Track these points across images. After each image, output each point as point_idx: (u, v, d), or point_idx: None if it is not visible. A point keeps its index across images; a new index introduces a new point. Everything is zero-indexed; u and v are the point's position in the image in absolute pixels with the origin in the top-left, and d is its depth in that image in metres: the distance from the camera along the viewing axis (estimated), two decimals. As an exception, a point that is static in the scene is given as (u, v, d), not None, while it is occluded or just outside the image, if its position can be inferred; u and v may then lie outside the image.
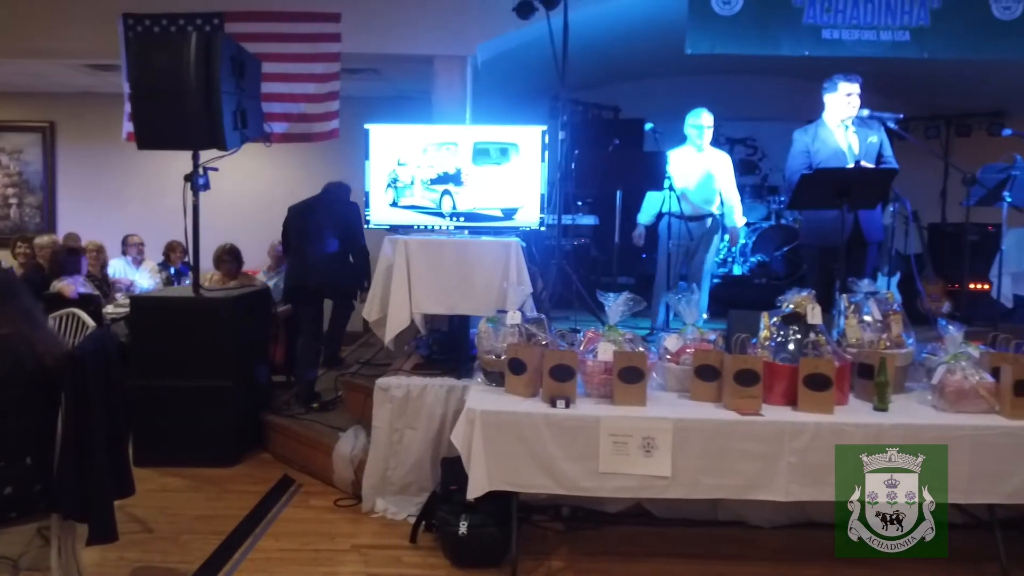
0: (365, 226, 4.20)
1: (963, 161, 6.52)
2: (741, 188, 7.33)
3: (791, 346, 3.07)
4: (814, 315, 3.09)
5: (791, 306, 3.16)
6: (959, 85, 7.49)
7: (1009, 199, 4.69)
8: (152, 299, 4.67)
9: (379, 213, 4.01)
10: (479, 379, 3.27)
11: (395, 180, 4.02)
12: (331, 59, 5.22)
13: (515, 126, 4.01)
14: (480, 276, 3.64)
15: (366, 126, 4.01)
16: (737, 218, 5.16)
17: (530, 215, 3.93)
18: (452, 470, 3.11)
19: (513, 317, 3.23)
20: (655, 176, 4.30)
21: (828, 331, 3.24)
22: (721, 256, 7.14)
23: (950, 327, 3.10)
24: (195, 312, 4.38)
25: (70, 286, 5.28)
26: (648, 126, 4.77)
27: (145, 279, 6.40)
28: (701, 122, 4.82)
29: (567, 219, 6.16)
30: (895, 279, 5.78)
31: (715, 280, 7.04)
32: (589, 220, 6.25)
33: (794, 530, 3.45)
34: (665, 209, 4.74)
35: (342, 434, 3.99)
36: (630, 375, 2.91)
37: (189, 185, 4.32)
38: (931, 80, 7.47)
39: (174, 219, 4.52)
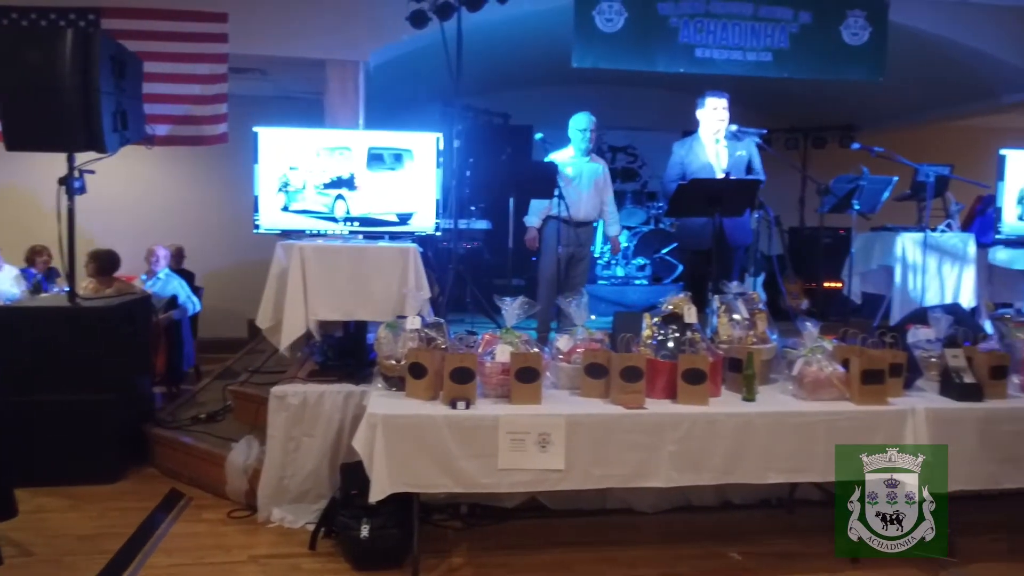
0: (254, 231, 4.12)
1: (818, 170, 7.18)
2: (622, 194, 7.75)
3: (671, 344, 3.32)
4: (690, 315, 3.35)
5: (670, 307, 3.41)
6: (815, 102, 8.22)
7: (857, 207, 5.22)
8: (22, 309, 4.38)
9: (269, 218, 3.94)
10: (379, 384, 3.32)
11: (286, 184, 3.96)
12: (217, 60, 5.08)
13: (410, 132, 4.05)
14: (378, 282, 3.69)
15: (255, 129, 3.94)
16: (615, 226, 5.37)
17: (425, 220, 3.99)
18: (352, 475, 3.15)
19: (412, 322, 3.30)
20: (546, 185, 4.48)
21: (703, 329, 3.53)
22: (606, 259, 7.50)
23: (807, 323, 3.44)
24: (71, 322, 4.16)
25: None
26: (538, 136, 4.96)
27: (8, 286, 5.96)
28: (586, 126, 4.96)
29: (461, 223, 6.30)
30: (760, 279, 6.27)
31: (600, 282, 7.39)
32: (482, 225, 6.39)
33: (675, 514, 3.73)
34: (554, 213, 4.92)
35: (234, 444, 3.92)
36: (526, 375, 3.06)
37: (63, 189, 4.10)
38: (792, 96, 8.16)
39: (33, 222, 4.26)
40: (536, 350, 3.22)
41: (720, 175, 4.56)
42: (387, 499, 2.90)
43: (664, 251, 7.42)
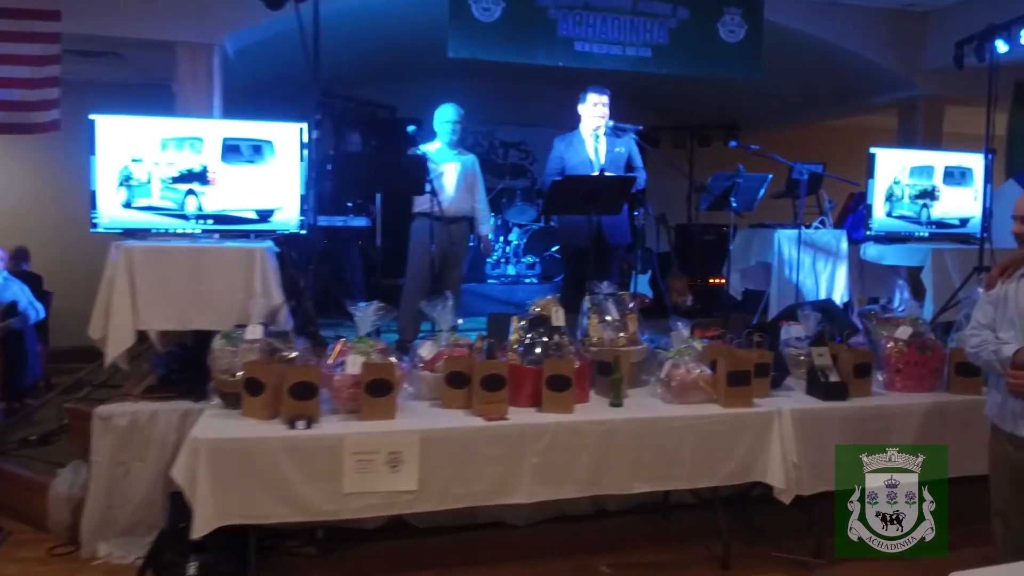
0: (92, 230, 3.68)
1: (704, 168, 7.23)
2: (512, 191, 7.58)
3: (538, 349, 3.14)
4: (558, 317, 3.19)
5: (538, 309, 3.24)
6: (700, 99, 8.31)
7: (735, 204, 5.23)
8: None
9: (109, 215, 3.59)
10: (216, 402, 2.99)
11: (128, 178, 3.62)
12: (48, 40, 4.54)
13: (269, 122, 3.79)
14: (219, 286, 3.34)
15: (91, 117, 3.57)
16: (486, 225, 5.12)
17: (289, 216, 3.74)
18: (181, 504, 2.78)
19: (253, 331, 2.99)
20: (416, 179, 4.23)
21: (575, 331, 3.38)
22: (494, 257, 7.32)
23: (679, 323, 3.36)
24: None
25: None
26: (411, 128, 4.68)
27: None
28: (454, 118, 4.73)
29: (338, 220, 5.96)
30: (646, 276, 6.24)
31: (490, 281, 7.20)
32: (360, 222, 6.06)
33: (549, 525, 3.55)
34: (425, 209, 4.66)
35: (61, 471, 3.48)
36: (378, 388, 2.81)
37: None
38: (677, 95, 8.22)
39: None
40: (392, 359, 2.97)
41: (598, 171, 4.44)
42: (224, 530, 2.60)
43: (554, 248, 7.30)
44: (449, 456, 2.74)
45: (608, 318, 3.45)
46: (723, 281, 6.28)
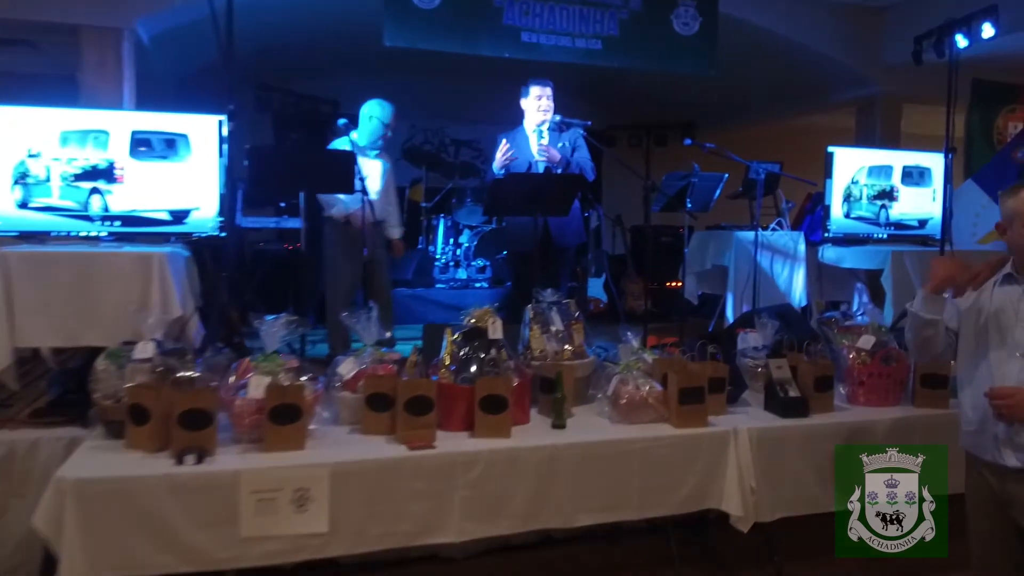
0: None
1: (661, 168, 7.01)
2: (463, 191, 7.26)
3: (473, 365, 2.83)
4: (495, 329, 2.88)
5: (473, 320, 2.93)
6: (657, 98, 8.11)
7: (690, 205, 4.99)
8: None
9: (2, 216, 3.28)
10: (99, 430, 2.61)
11: (24, 175, 3.31)
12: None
13: (183, 114, 3.51)
14: (111, 297, 2.97)
15: None
16: (398, 228, 4.81)
17: (207, 217, 3.49)
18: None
19: (143, 349, 2.62)
20: (345, 177, 3.88)
21: (514, 343, 3.08)
22: (444, 260, 7.00)
23: (628, 333, 3.09)
24: None
25: None
26: (342, 121, 4.33)
27: None
28: (389, 120, 4.47)
29: (270, 222, 5.59)
30: (600, 280, 5.99)
31: (439, 285, 6.88)
32: (296, 223, 5.69)
33: (489, 557, 3.23)
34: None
35: (-67, 508, 3.06)
36: (284, 414, 2.46)
37: None
38: (633, 93, 8.00)
39: None
40: (304, 380, 2.62)
41: (542, 169, 4.15)
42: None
43: (506, 251, 7.00)
44: (365, 492, 2.41)
45: (552, 329, 3.15)
46: (680, 284, 6.05)
